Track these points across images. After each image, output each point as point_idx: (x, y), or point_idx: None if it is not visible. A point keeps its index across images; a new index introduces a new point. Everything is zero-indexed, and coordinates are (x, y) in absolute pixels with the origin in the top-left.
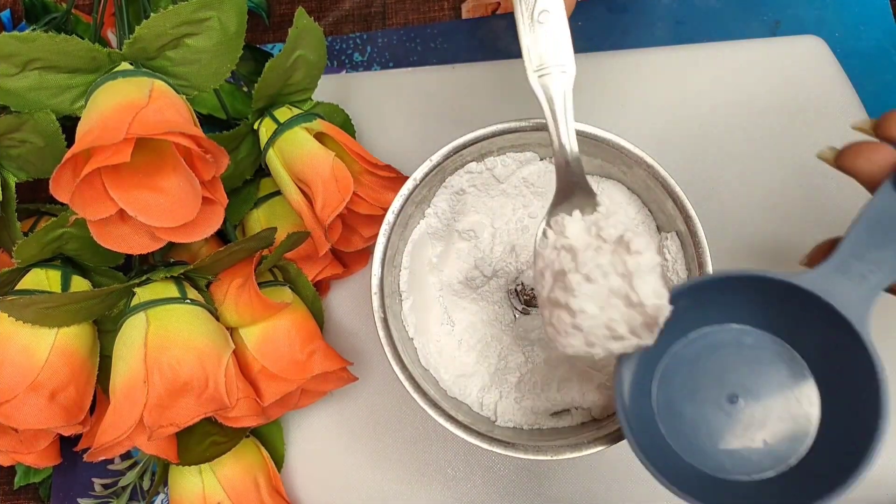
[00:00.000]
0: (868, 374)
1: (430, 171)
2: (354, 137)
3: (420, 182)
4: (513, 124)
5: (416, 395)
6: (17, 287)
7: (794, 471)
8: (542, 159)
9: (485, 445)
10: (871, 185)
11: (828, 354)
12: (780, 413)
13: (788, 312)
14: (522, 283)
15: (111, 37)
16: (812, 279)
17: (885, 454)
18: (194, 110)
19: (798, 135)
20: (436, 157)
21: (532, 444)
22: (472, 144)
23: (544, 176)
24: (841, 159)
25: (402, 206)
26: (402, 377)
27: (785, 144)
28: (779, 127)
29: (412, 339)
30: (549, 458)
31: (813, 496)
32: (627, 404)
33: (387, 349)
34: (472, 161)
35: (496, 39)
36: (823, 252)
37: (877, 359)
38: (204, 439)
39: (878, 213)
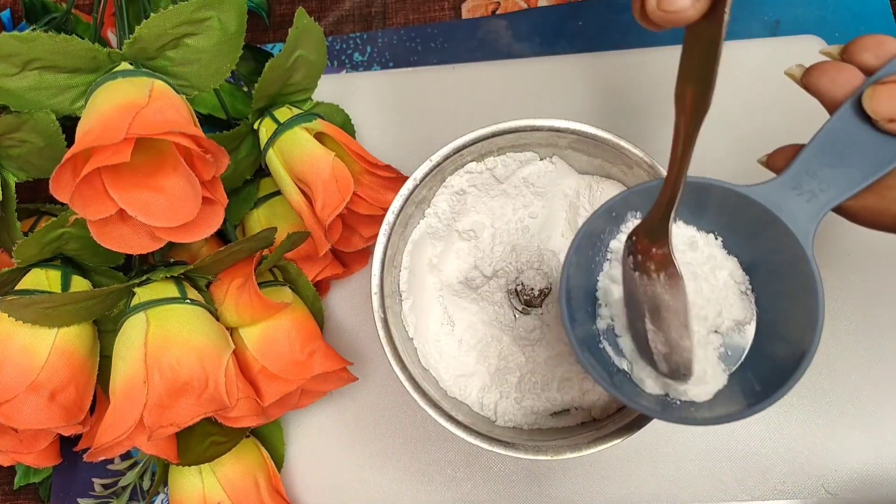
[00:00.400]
0: (808, 288)
1: (430, 171)
2: (354, 137)
3: (420, 182)
4: (513, 124)
5: (416, 395)
6: (17, 287)
7: (729, 382)
8: (542, 159)
9: (485, 445)
10: (832, 107)
11: (771, 267)
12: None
13: (739, 223)
14: (522, 283)
15: (111, 37)
16: (764, 192)
17: (885, 454)
18: (194, 110)
19: (798, 135)
20: (436, 157)
21: (532, 444)
22: (472, 144)
23: (544, 176)
24: (807, 77)
25: (402, 206)
26: (402, 377)
27: (784, 144)
28: (779, 127)
29: (412, 339)
30: (549, 458)
31: (747, 405)
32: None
33: (387, 349)
34: (471, 161)
35: (496, 39)
36: (783, 156)
37: (816, 272)
38: (204, 439)
39: (835, 133)
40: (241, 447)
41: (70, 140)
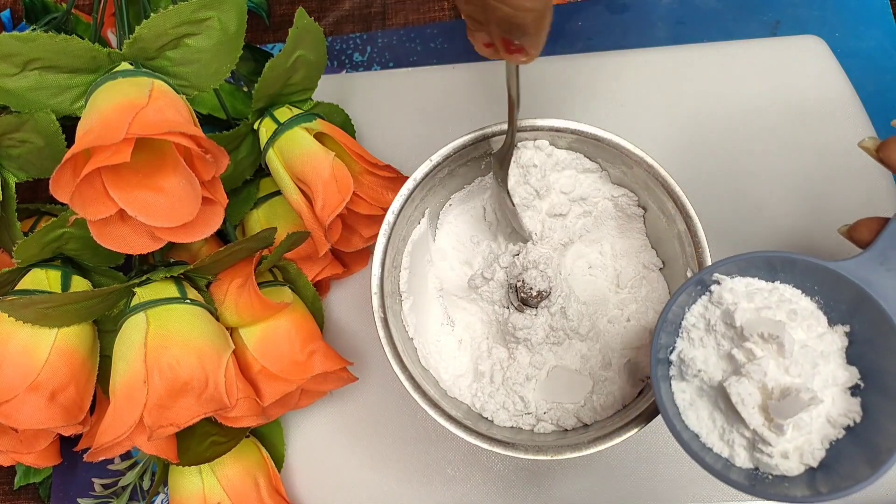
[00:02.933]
0: None
1: (430, 171)
2: (354, 137)
3: (420, 182)
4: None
5: (416, 395)
6: (17, 287)
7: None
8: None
9: (485, 445)
10: None
11: (868, 348)
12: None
13: (832, 298)
14: (523, 281)
15: (111, 37)
16: (852, 267)
17: None
18: (194, 110)
19: (798, 134)
20: (436, 157)
21: (532, 444)
22: (472, 144)
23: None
24: (883, 150)
25: (402, 206)
26: (402, 377)
27: (785, 144)
28: (779, 127)
29: (412, 339)
30: (549, 458)
31: (837, 487)
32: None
33: (387, 349)
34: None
35: None
36: (868, 228)
37: None
38: (204, 439)
39: None
40: (241, 447)
41: (70, 140)
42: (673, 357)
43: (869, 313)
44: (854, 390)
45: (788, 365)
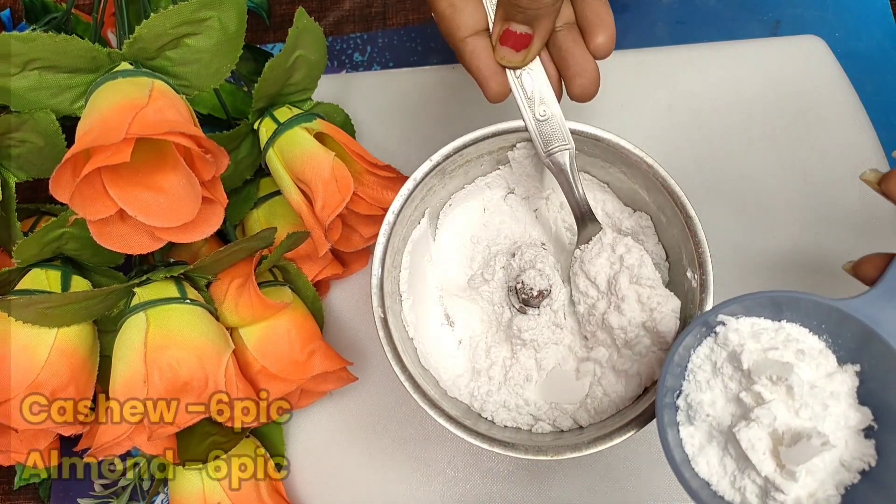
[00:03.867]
0: None
1: (430, 170)
2: (354, 137)
3: (420, 182)
4: (513, 124)
5: (415, 395)
6: (17, 287)
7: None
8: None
9: (485, 445)
10: None
11: (871, 380)
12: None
13: (832, 333)
14: (523, 282)
15: (111, 37)
16: (859, 305)
17: None
18: (194, 110)
19: (798, 135)
20: (436, 157)
21: (532, 444)
22: (472, 144)
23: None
24: (886, 184)
25: (402, 206)
26: (402, 377)
27: (785, 144)
28: (779, 127)
29: (412, 339)
30: (549, 458)
31: None
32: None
33: (387, 349)
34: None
35: None
36: (873, 265)
37: None
38: (204, 439)
39: None
40: (241, 447)
41: (70, 140)
42: (680, 401)
43: (878, 352)
44: (868, 432)
45: (798, 407)
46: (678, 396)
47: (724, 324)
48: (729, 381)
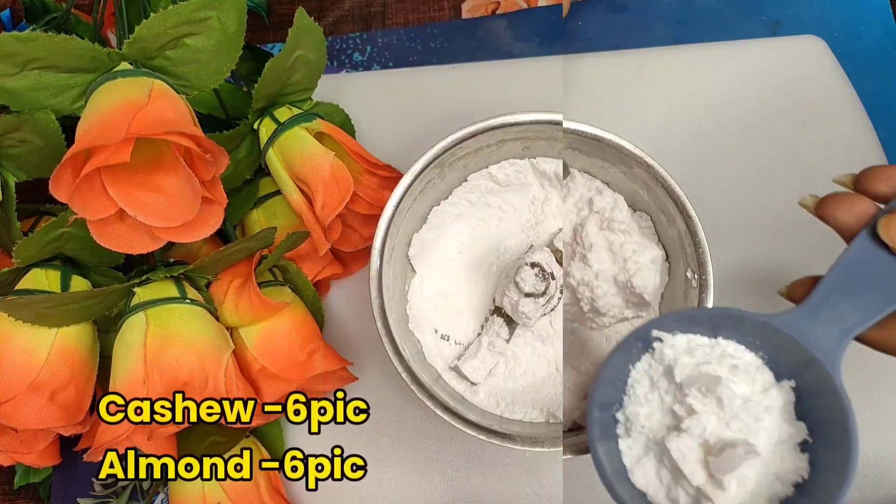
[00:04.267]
0: (839, 416)
1: (428, 163)
2: (354, 137)
3: (417, 176)
4: (513, 118)
5: (413, 387)
6: (17, 287)
7: None
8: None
9: (484, 437)
10: (848, 235)
11: (807, 397)
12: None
13: (768, 349)
14: (523, 279)
15: (111, 37)
16: (787, 320)
17: (886, 453)
18: (194, 110)
19: (798, 134)
20: (433, 150)
21: (532, 436)
22: (471, 137)
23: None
24: (822, 208)
25: (400, 200)
26: (399, 368)
27: (785, 144)
28: (778, 127)
29: (412, 332)
30: (546, 449)
31: None
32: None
33: (385, 342)
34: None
35: (496, 39)
36: (803, 286)
37: (847, 402)
38: (204, 439)
39: (854, 261)
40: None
41: (70, 140)
42: (619, 415)
43: (809, 366)
44: (804, 446)
45: (729, 419)
46: (618, 410)
47: (661, 340)
48: (664, 395)
